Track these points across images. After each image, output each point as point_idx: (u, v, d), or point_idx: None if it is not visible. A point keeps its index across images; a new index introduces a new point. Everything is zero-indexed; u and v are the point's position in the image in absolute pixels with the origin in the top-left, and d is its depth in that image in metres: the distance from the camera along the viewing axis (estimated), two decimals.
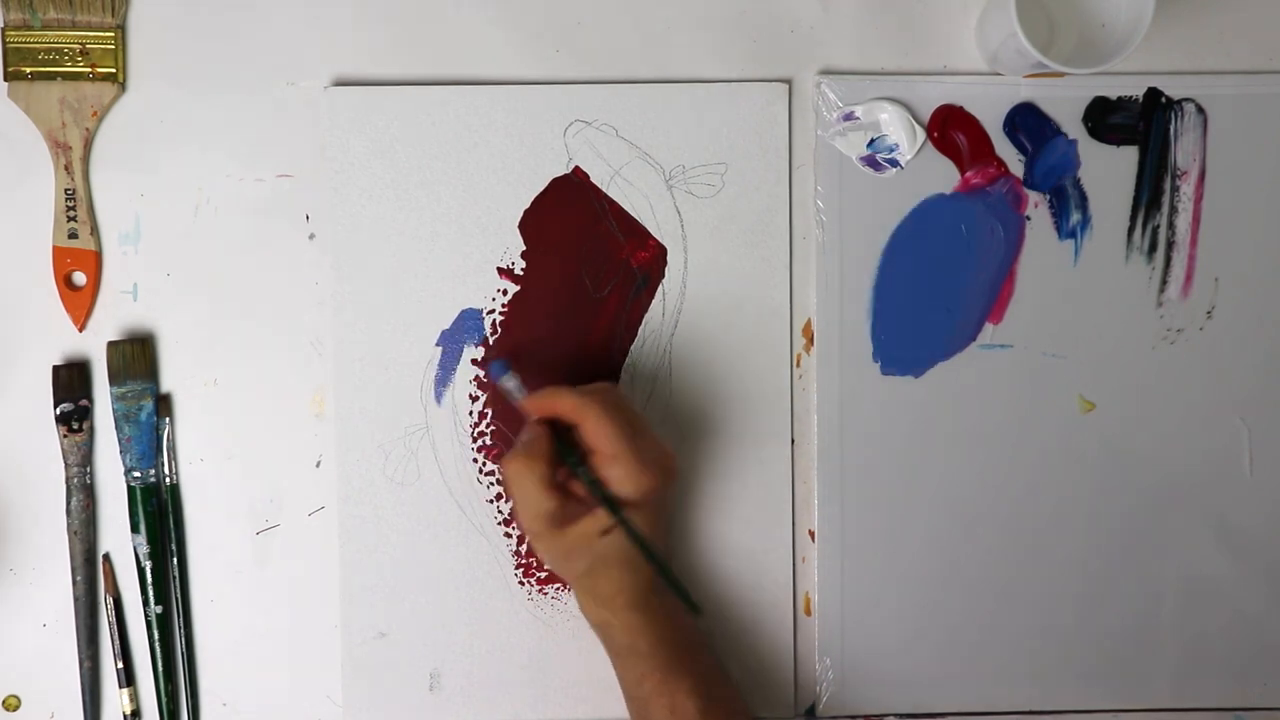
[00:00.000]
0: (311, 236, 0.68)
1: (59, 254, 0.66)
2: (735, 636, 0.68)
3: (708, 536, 0.68)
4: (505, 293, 0.68)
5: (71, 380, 0.66)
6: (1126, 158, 0.68)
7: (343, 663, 0.67)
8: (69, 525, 0.66)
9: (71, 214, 0.66)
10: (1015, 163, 0.68)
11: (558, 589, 0.68)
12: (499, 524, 0.68)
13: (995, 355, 0.68)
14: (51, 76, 0.66)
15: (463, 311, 0.68)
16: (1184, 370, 0.68)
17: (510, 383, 0.64)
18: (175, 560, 0.67)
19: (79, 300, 0.66)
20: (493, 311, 0.68)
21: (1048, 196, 0.68)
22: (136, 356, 0.66)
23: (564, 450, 0.61)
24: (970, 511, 0.68)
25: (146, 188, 0.67)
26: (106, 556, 0.67)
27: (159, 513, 0.67)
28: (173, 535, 0.67)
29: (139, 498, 0.66)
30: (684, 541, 0.68)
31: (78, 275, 0.67)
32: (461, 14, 0.68)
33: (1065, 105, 0.68)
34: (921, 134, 0.67)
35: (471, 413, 0.68)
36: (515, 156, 0.67)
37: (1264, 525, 0.69)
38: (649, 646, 0.61)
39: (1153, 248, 0.68)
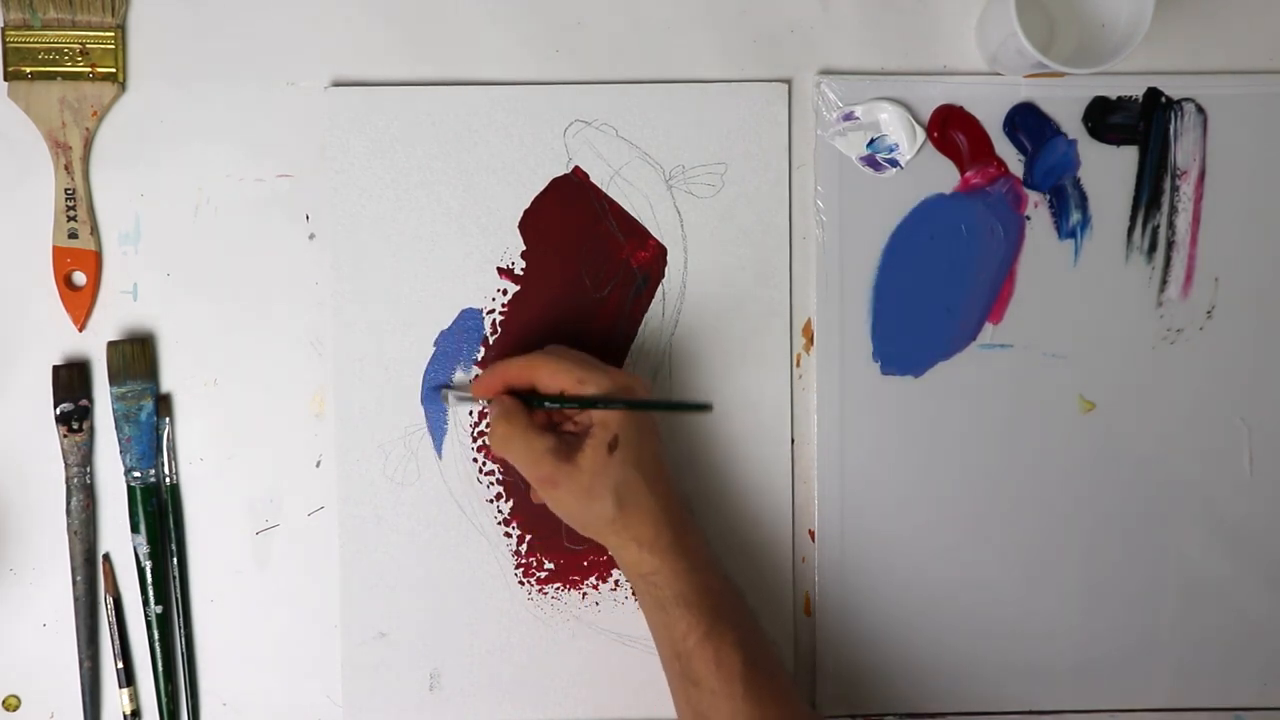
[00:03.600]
0: (311, 236, 0.68)
1: (59, 254, 0.66)
2: None
3: (708, 536, 0.68)
4: (505, 293, 0.68)
5: (71, 380, 0.66)
6: (1126, 158, 0.68)
7: (343, 663, 0.67)
8: (69, 525, 0.66)
9: (71, 214, 0.66)
10: (1015, 163, 0.68)
11: (558, 589, 0.68)
12: (499, 524, 0.68)
13: (995, 355, 0.68)
14: (51, 76, 0.66)
15: (463, 311, 0.68)
16: (1184, 370, 0.69)
17: (452, 398, 0.65)
18: (175, 560, 0.67)
19: (79, 300, 0.67)
20: (493, 311, 0.68)
21: (1048, 196, 0.68)
22: (136, 356, 0.66)
23: (534, 401, 0.62)
24: (970, 511, 0.68)
25: (146, 188, 0.67)
26: (106, 556, 0.67)
27: (159, 513, 0.67)
28: (173, 535, 0.67)
29: (139, 498, 0.66)
30: None
31: (78, 275, 0.67)
32: (461, 14, 0.68)
33: (1065, 105, 0.68)
34: (921, 134, 0.68)
35: (471, 413, 0.68)
36: (515, 156, 0.67)
37: (1264, 525, 0.69)
38: (698, 595, 0.60)
39: (1153, 248, 0.68)
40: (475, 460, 0.68)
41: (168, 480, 0.67)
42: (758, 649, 0.60)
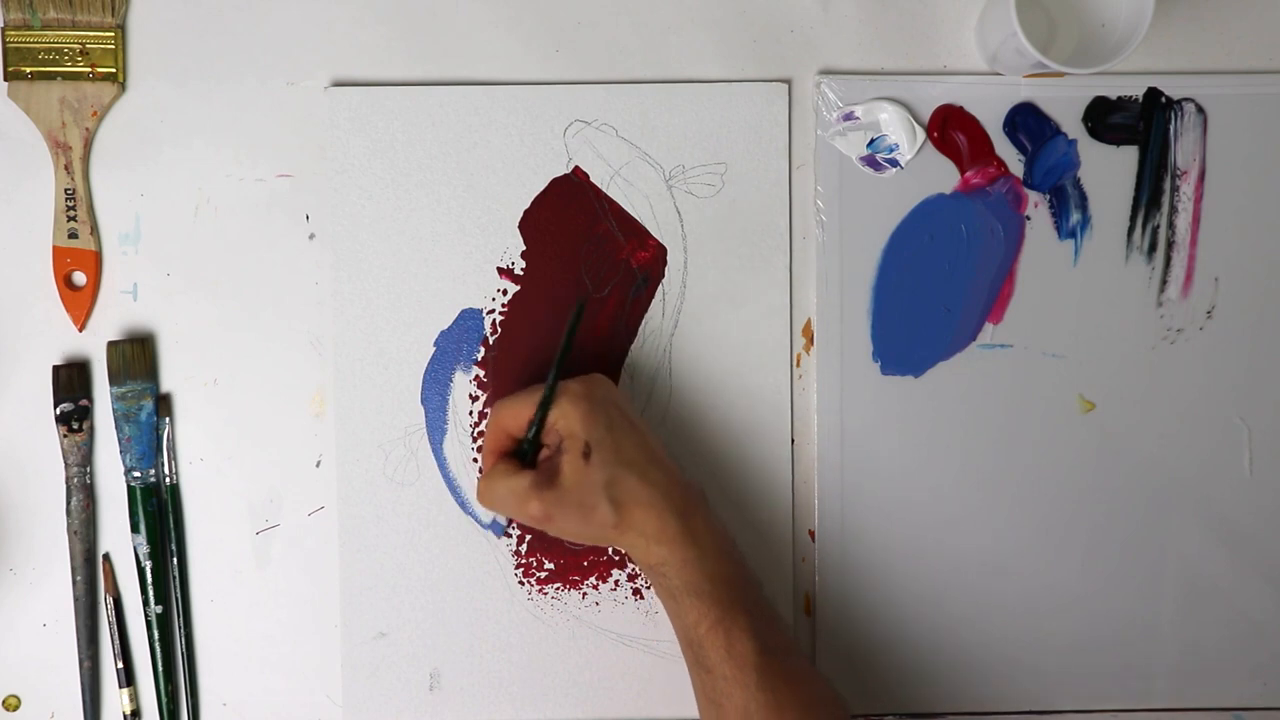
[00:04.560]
0: (311, 236, 0.68)
1: (59, 254, 0.66)
2: None
3: None
4: (505, 293, 0.68)
5: (71, 380, 0.66)
6: (1126, 158, 0.68)
7: (343, 663, 0.67)
8: (69, 525, 0.66)
9: (71, 214, 0.66)
10: (1015, 163, 0.68)
11: (558, 589, 0.68)
12: (499, 524, 0.68)
13: (995, 355, 0.68)
14: (51, 76, 0.66)
15: (463, 311, 0.68)
16: (1184, 370, 0.69)
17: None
18: (175, 560, 0.67)
19: (79, 300, 0.67)
20: (493, 311, 0.68)
21: (1048, 196, 0.68)
22: (136, 356, 0.66)
23: (525, 446, 0.62)
24: (970, 511, 0.68)
25: (146, 188, 0.67)
26: (106, 556, 0.67)
27: (159, 513, 0.67)
28: (173, 535, 0.67)
29: (139, 498, 0.66)
30: None
31: (78, 275, 0.67)
32: (461, 14, 0.68)
33: (1065, 105, 0.68)
34: (921, 134, 0.68)
35: (471, 413, 0.68)
36: (515, 156, 0.67)
37: (1264, 525, 0.69)
38: (709, 584, 0.60)
39: (1153, 248, 0.68)
40: (475, 460, 0.68)
41: (168, 480, 0.67)
42: (771, 635, 0.60)
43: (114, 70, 0.66)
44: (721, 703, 0.59)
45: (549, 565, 0.68)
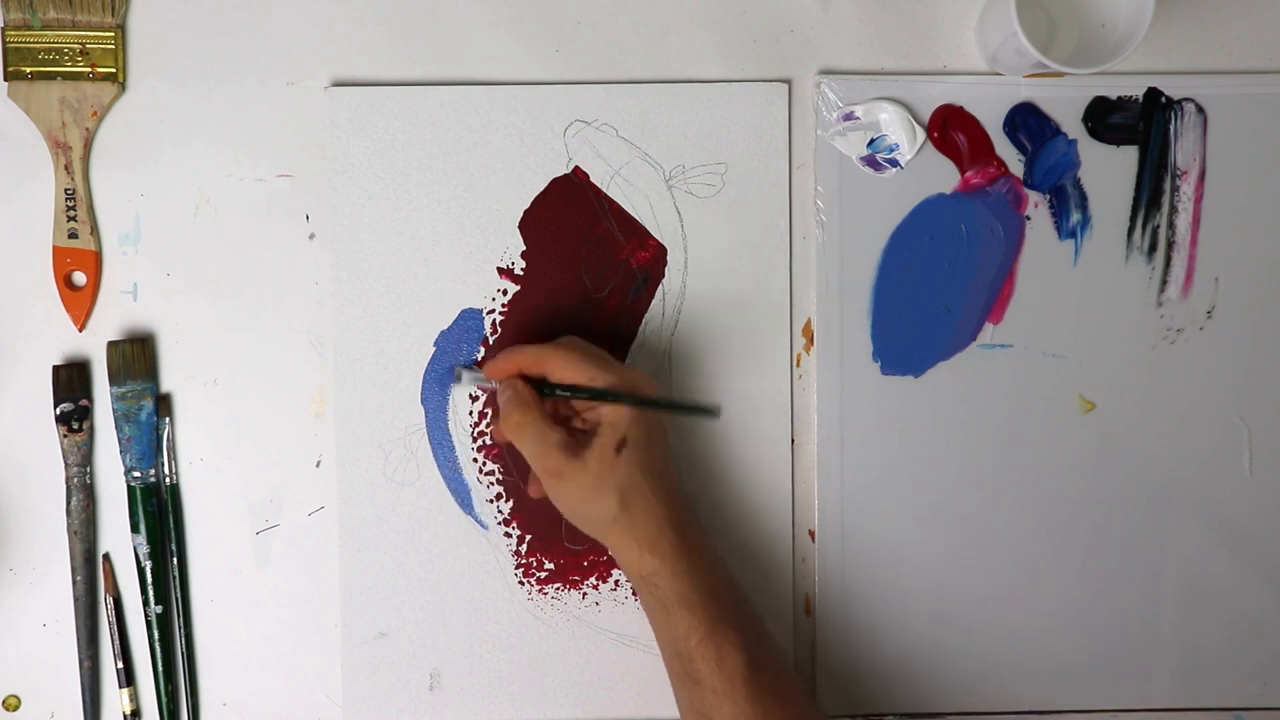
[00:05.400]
0: (311, 236, 0.68)
1: (59, 254, 0.66)
2: None
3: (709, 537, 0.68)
4: (505, 293, 0.68)
5: (71, 380, 0.66)
6: (1126, 158, 0.68)
7: (343, 663, 0.67)
8: (69, 525, 0.66)
9: (71, 214, 0.66)
10: (1015, 163, 0.68)
11: (558, 589, 0.68)
12: (499, 524, 0.68)
13: (995, 355, 0.68)
14: (51, 76, 0.66)
15: (463, 311, 0.68)
16: (1184, 370, 0.69)
17: (466, 377, 0.65)
18: (175, 560, 0.67)
19: (79, 300, 0.67)
20: (493, 311, 0.68)
21: (1048, 196, 0.68)
22: (136, 356, 0.66)
23: (546, 389, 0.62)
24: (970, 511, 0.68)
25: (146, 188, 0.67)
26: (106, 556, 0.67)
27: (159, 513, 0.67)
28: (173, 535, 0.67)
29: (139, 498, 0.66)
30: None
31: (78, 275, 0.67)
32: (461, 14, 0.68)
33: (1065, 105, 0.68)
34: (921, 134, 0.68)
35: (471, 412, 0.68)
36: (515, 156, 0.67)
37: (1264, 525, 0.69)
38: (700, 596, 0.60)
39: (1153, 248, 0.68)
40: (475, 460, 0.68)
41: (168, 480, 0.67)
42: (761, 651, 0.60)
43: (114, 70, 0.66)
44: (711, 715, 0.59)
45: (549, 565, 0.68)
